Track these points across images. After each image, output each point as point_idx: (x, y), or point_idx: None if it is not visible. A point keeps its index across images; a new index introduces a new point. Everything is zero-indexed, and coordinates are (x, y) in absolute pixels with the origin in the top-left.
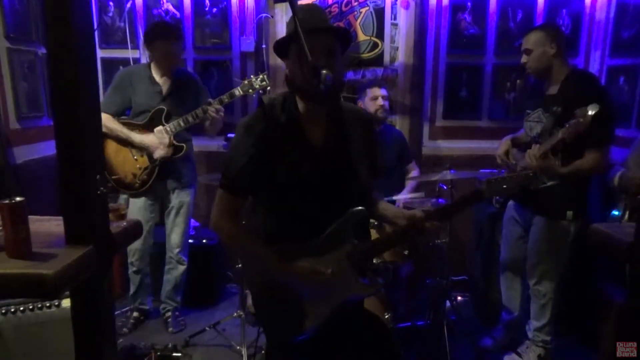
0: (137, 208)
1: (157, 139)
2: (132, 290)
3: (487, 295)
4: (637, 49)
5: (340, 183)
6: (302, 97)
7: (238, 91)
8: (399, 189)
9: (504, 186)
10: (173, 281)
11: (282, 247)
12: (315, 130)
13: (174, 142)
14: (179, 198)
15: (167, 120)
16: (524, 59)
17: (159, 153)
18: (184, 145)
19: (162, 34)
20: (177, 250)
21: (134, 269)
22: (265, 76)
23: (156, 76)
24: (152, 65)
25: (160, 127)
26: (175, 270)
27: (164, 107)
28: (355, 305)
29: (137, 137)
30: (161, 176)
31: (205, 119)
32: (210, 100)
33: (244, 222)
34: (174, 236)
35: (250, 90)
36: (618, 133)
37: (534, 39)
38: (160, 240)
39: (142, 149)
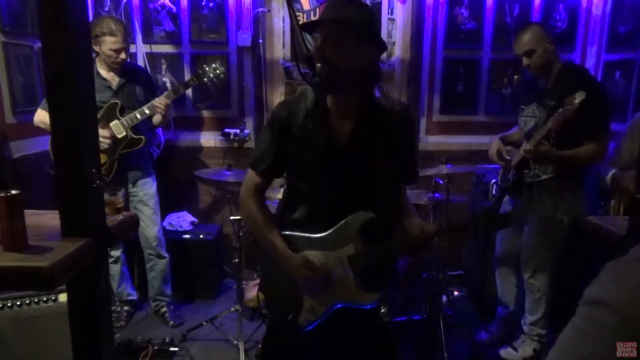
0: None
1: (108, 133)
2: (116, 283)
3: (483, 290)
4: (633, 44)
5: (358, 182)
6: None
7: (193, 81)
8: None
9: None
10: (160, 276)
11: (292, 235)
12: (342, 125)
13: (132, 134)
14: (143, 189)
15: (122, 114)
16: (525, 61)
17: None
18: (143, 137)
19: (109, 29)
20: (155, 243)
21: (111, 259)
22: (218, 64)
23: (102, 71)
24: (98, 60)
25: (116, 121)
26: (157, 266)
27: (117, 101)
28: (355, 312)
29: None
30: (121, 170)
31: (161, 110)
32: (167, 92)
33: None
34: (149, 231)
35: (205, 79)
36: (614, 127)
37: (532, 38)
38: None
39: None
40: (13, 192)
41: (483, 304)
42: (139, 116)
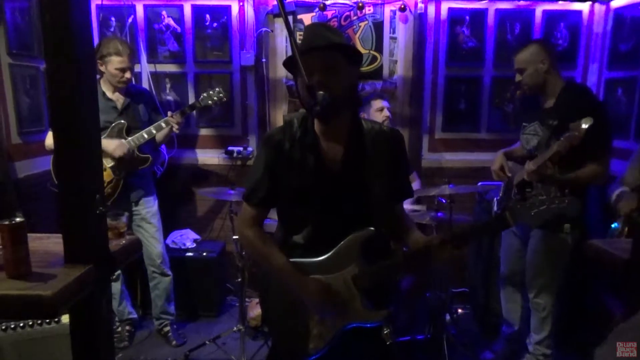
0: None
1: (113, 143)
2: (116, 302)
3: (487, 308)
4: (635, 62)
5: (354, 203)
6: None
7: (198, 103)
8: None
9: (532, 212)
10: (163, 294)
11: (294, 262)
12: (332, 148)
13: (138, 154)
14: (146, 207)
15: (128, 134)
16: (517, 77)
17: (117, 152)
18: (149, 157)
19: (115, 49)
20: (159, 261)
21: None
22: (221, 88)
23: (108, 92)
24: (102, 81)
25: (122, 141)
26: (161, 284)
27: (124, 122)
28: (362, 333)
29: None
30: (125, 188)
31: (167, 130)
32: (170, 112)
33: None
34: (153, 249)
35: (210, 102)
36: (617, 145)
37: (525, 57)
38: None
39: (105, 160)
40: (17, 219)
41: (487, 322)
42: (146, 136)
